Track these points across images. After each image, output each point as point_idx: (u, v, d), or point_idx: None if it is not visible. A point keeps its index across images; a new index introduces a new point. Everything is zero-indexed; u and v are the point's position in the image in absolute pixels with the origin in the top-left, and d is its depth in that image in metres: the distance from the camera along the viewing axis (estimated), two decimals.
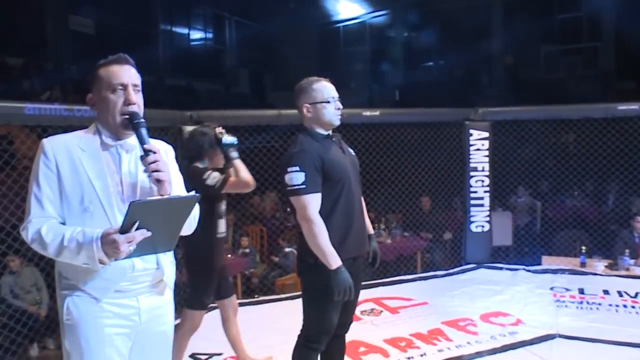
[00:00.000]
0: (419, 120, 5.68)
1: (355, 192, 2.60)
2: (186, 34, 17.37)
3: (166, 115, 4.49)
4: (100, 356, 1.83)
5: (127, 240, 1.67)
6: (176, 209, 1.84)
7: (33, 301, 5.12)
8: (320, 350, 2.65)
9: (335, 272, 2.39)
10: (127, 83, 1.86)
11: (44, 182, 1.79)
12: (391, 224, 7.01)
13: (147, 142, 1.84)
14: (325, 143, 2.55)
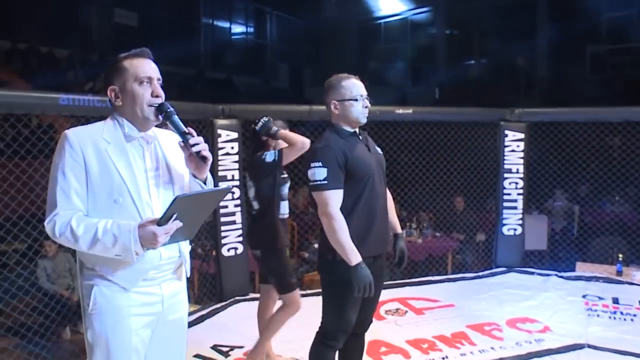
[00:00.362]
0: (453, 120, 5.58)
1: (379, 191, 2.59)
2: (227, 27, 17.53)
3: (198, 109, 4.54)
4: (127, 346, 1.86)
5: (165, 232, 1.73)
6: (209, 200, 1.93)
7: (66, 286, 5.28)
8: (337, 348, 2.65)
9: (355, 268, 2.39)
10: (153, 76, 1.91)
11: (71, 175, 1.79)
12: (422, 223, 6.94)
13: (183, 127, 1.89)
14: (351, 140, 2.56)
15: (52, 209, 1.80)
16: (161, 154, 1.98)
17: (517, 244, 5.53)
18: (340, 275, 2.42)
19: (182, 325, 2.07)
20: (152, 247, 1.77)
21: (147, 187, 1.89)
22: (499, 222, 5.55)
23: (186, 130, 1.90)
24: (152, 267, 1.88)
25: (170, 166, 1.98)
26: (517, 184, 5.45)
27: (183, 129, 1.91)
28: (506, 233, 5.53)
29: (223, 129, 4.56)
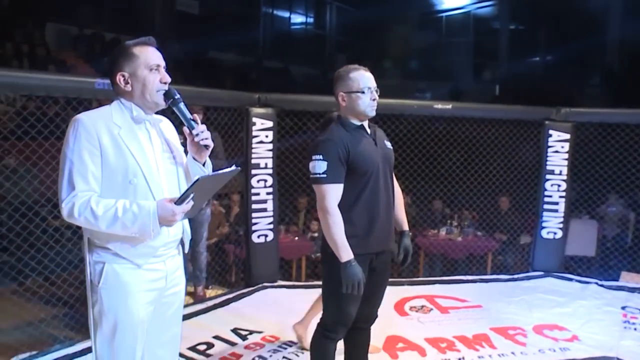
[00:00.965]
0: (494, 117, 5.41)
1: (384, 186, 2.54)
2: (287, 17, 17.66)
3: (233, 97, 4.62)
4: (134, 320, 1.95)
5: (182, 210, 1.84)
6: (220, 181, 2.03)
7: None
8: (337, 340, 2.64)
9: (345, 265, 2.37)
10: (161, 64, 2.00)
11: (88, 158, 1.87)
12: (464, 221, 6.80)
13: (189, 114, 1.99)
14: (357, 134, 2.51)
15: (69, 191, 1.87)
16: (163, 136, 2.06)
17: (556, 248, 5.33)
18: (339, 269, 2.40)
19: (180, 299, 2.16)
20: (169, 225, 1.88)
21: (157, 167, 1.98)
22: (538, 225, 5.36)
23: (192, 117, 1.99)
24: (161, 245, 1.98)
25: (172, 147, 2.08)
26: (559, 186, 5.25)
27: (189, 115, 2.00)
28: (545, 236, 5.33)
29: (258, 117, 4.62)
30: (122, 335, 1.95)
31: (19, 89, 3.72)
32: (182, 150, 2.13)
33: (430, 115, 5.20)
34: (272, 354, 3.50)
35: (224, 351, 3.52)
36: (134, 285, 1.95)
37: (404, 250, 2.72)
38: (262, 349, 3.58)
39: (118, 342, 1.96)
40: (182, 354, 3.43)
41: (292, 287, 4.85)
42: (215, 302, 4.41)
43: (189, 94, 4.26)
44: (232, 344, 3.64)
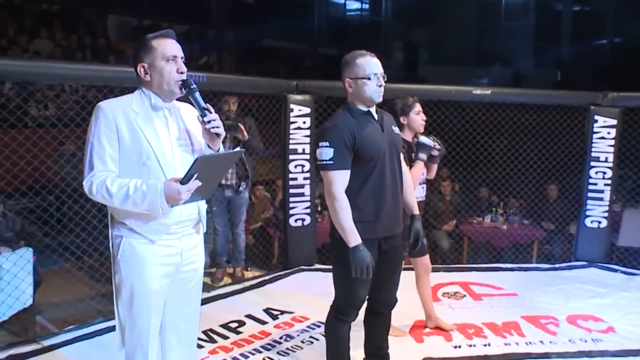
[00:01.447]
0: (536, 102, 5.28)
1: (390, 172, 2.57)
2: (342, 3, 17.64)
3: (271, 84, 4.73)
4: (148, 290, 2.12)
5: (188, 189, 1.96)
6: (224, 162, 2.17)
7: None
8: (349, 322, 2.69)
9: (353, 250, 2.42)
10: (178, 55, 2.13)
11: (106, 141, 2.05)
12: (510, 209, 6.69)
13: (203, 103, 2.11)
14: (363, 120, 2.54)
15: (89, 171, 2.06)
16: (182, 123, 2.20)
17: (600, 237, 5.17)
18: (347, 253, 2.45)
19: (199, 275, 2.31)
20: (176, 203, 2.01)
21: (171, 151, 2.12)
22: (581, 214, 5.22)
23: (205, 106, 2.11)
24: (174, 223, 2.13)
25: (190, 133, 2.21)
26: (604, 173, 5.07)
27: (202, 104, 2.13)
28: (589, 225, 5.18)
29: (296, 103, 4.72)
30: (139, 303, 2.13)
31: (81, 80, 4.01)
32: (200, 137, 2.25)
33: (470, 100, 5.12)
34: (299, 333, 3.62)
35: (254, 329, 3.68)
36: (148, 259, 2.11)
37: (415, 234, 2.75)
38: (291, 328, 3.71)
39: (135, 309, 2.14)
40: (214, 330, 3.63)
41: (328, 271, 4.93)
42: (251, 282, 4.58)
43: (227, 82, 4.44)
44: (262, 322, 3.79)
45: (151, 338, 2.18)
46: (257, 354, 3.34)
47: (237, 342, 3.48)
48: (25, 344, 3.38)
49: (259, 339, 3.53)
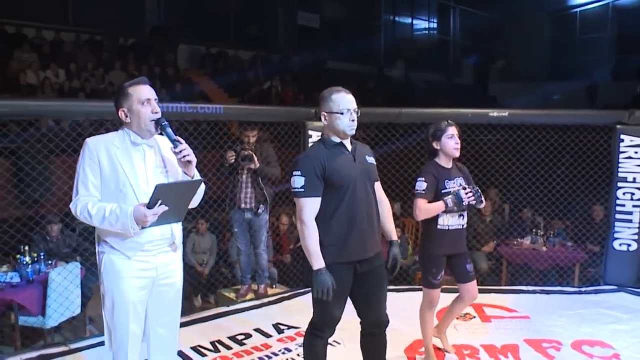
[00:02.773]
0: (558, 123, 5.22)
1: (364, 199, 2.71)
2: (409, 24, 17.76)
3: (289, 112, 5.03)
4: (126, 300, 2.46)
5: (153, 213, 2.29)
6: (187, 189, 2.45)
7: (201, 261, 6.22)
8: (325, 339, 2.83)
9: (315, 273, 2.59)
10: (151, 97, 2.48)
11: (89, 171, 2.43)
12: (549, 231, 6.55)
13: (174, 136, 2.45)
14: (335, 151, 2.71)
15: (75, 195, 2.46)
16: (160, 156, 2.53)
17: (630, 261, 4.99)
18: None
19: (176, 289, 2.62)
20: (144, 225, 2.34)
21: (146, 180, 2.46)
22: (609, 236, 5.06)
23: (175, 139, 2.44)
24: (147, 242, 2.46)
25: (167, 164, 2.54)
26: (633, 194, 4.91)
27: (173, 137, 2.45)
28: (618, 248, 5.02)
29: (314, 130, 4.99)
30: (118, 311, 2.47)
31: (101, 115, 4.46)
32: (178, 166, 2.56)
33: (487, 123, 5.15)
34: (297, 347, 3.84)
35: (258, 342, 3.94)
36: (125, 272, 2.45)
37: (392, 260, 2.87)
38: (292, 342, 3.94)
39: (116, 316, 2.48)
40: (221, 341, 3.93)
41: None
42: (270, 299, 4.86)
43: (244, 112, 4.80)
44: (268, 336, 4.05)
45: (130, 341, 2.51)
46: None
47: (238, 353, 3.77)
48: (57, 347, 3.83)
49: (259, 351, 3.80)
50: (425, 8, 17.99)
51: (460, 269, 3.47)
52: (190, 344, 3.84)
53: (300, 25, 15.20)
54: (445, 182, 3.35)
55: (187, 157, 2.43)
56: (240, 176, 4.77)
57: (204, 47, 12.81)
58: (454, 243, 3.39)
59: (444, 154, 3.39)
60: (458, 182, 3.39)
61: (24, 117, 4.16)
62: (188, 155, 2.43)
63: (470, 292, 3.53)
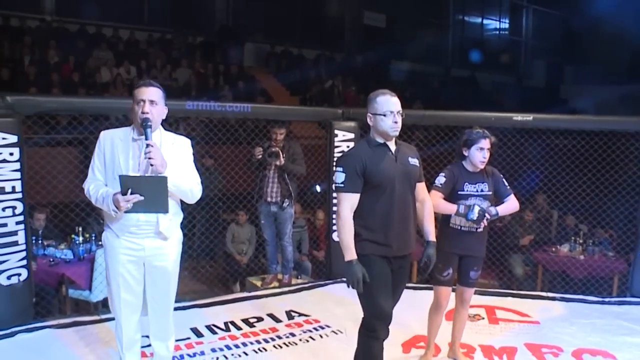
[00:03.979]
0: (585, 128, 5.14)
1: (400, 199, 2.83)
2: (478, 23, 17.46)
3: (317, 112, 5.28)
4: (116, 271, 2.87)
5: (125, 199, 2.65)
6: (154, 183, 2.73)
7: (240, 250, 6.58)
8: (379, 338, 2.89)
9: (347, 264, 2.74)
10: (145, 99, 2.80)
11: (96, 158, 2.84)
12: (589, 239, 6.42)
13: (149, 138, 2.76)
14: (378, 150, 2.85)
15: (87, 177, 2.87)
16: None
17: None
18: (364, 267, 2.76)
19: (167, 271, 2.95)
20: (121, 209, 2.69)
21: (138, 170, 2.79)
22: (637, 247, 4.95)
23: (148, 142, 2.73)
24: (132, 225, 2.81)
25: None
26: None
27: (148, 139, 2.74)
28: None
29: (340, 129, 5.21)
30: (111, 280, 2.89)
31: None
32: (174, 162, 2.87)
33: (511, 127, 5.16)
34: (302, 332, 4.12)
35: (267, 325, 4.25)
36: (116, 248, 2.84)
37: (426, 258, 2.98)
38: (298, 328, 4.21)
39: (111, 285, 2.91)
40: (234, 322, 4.27)
41: None
42: (290, 288, 5.14)
43: (272, 111, 5.10)
44: (278, 321, 4.34)
45: (123, 307, 2.90)
46: (255, 344, 3.91)
47: (246, 333, 4.08)
48: (90, 315, 4.32)
49: (266, 334, 4.09)
50: (496, 7, 17.61)
51: (463, 270, 3.52)
52: (205, 323, 4.20)
53: (366, 25, 15.35)
54: (465, 184, 3.41)
55: (151, 159, 2.71)
56: (267, 171, 5.07)
57: (269, 45, 13.27)
58: (464, 243, 3.45)
59: (471, 162, 3.45)
60: (480, 187, 3.42)
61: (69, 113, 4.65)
62: (152, 158, 2.71)
63: (461, 295, 3.61)
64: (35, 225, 5.30)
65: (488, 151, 3.39)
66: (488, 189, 3.44)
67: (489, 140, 3.40)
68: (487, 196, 3.44)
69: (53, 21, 10.45)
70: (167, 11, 11.74)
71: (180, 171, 2.86)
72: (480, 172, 3.45)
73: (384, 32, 15.48)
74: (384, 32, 15.50)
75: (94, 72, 9.43)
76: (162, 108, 2.87)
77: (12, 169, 3.87)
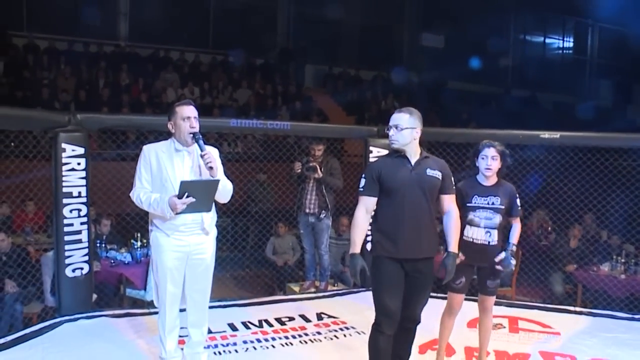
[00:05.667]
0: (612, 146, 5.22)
1: (412, 206, 3.08)
2: (540, 42, 17.29)
3: (353, 130, 5.66)
4: (164, 266, 3.33)
5: (182, 202, 3.12)
6: (207, 186, 3.23)
7: (284, 259, 7.00)
8: (384, 333, 3.14)
9: (350, 257, 3.12)
10: (191, 116, 3.30)
11: (143, 169, 3.33)
12: (632, 259, 6.39)
13: (203, 148, 3.26)
14: (396, 160, 3.15)
15: (134, 186, 3.36)
16: (195, 160, 3.34)
17: None
18: (372, 265, 3.14)
19: (206, 263, 3.42)
20: (176, 211, 3.15)
21: (182, 178, 3.26)
22: None
23: (204, 150, 3.23)
24: (181, 224, 3.29)
25: (200, 167, 3.32)
26: None
27: (203, 148, 3.23)
28: None
29: (375, 146, 5.56)
30: (159, 274, 3.36)
31: None
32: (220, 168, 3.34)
33: (539, 144, 5.31)
34: (328, 332, 4.46)
35: (297, 324, 4.62)
36: (165, 246, 3.31)
37: (442, 267, 3.20)
38: (325, 328, 4.56)
39: (159, 278, 3.38)
40: (267, 320, 4.67)
41: None
42: (325, 294, 5.50)
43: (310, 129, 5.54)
44: (308, 320, 4.71)
45: (168, 297, 3.37)
46: (284, 339, 4.29)
47: (276, 330, 4.47)
48: (141, 308, 4.86)
49: (295, 331, 4.47)
50: (559, 26, 17.39)
51: (481, 280, 3.73)
52: (242, 319, 4.63)
53: (425, 47, 15.57)
54: (474, 197, 3.60)
55: (210, 163, 3.19)
56: (306, 184, 5.48)
57: (327, 67, 13.78)
58: (477, 255, 3.61)
59: (480, 171, 3.66)
60: (491, 200, 3.58)
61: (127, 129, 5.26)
62: (210, 162, 3.19)
63: (482, 303, 3.79)
64: (102, 231, 5.96)
65: (492, 159, 3.57)
66: (500, 202, 3.59)
67: (493, 149, 3.58)
68: (498, 209, 3.59)
69: (126, 46, 11.42)
70: (230, 35, 12.51)
71: (222, 175, 3.33)
72: (495, 186, 3.63)
73: (442, 53, 15.65)
74: (443, 52, 15.67)
75: (160, 93, 10.23)
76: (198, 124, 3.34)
77: (79, 177, 4.47)
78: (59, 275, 4.46)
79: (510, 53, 16.78)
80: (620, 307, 5.75)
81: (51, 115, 4.55)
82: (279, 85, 12.05)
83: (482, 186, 3.63)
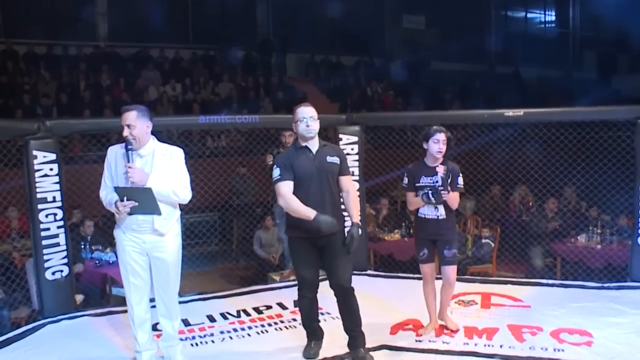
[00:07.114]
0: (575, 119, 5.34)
1: (315, 190, 3.51)
2: (522, 18, 17.29)
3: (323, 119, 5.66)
4: (124, 260, 3.54)
5: (123, 205, 3.29)
6: (142, 192, 3.33)
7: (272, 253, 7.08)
8: (307, 297, 3.75)
9: (315, 218, 3.37)
10: (123, 124, 3.41)
11: (106, 169, 3.52)
12: (607, 229, 6.52)
13: (130, 160, 3.38)
14: (300, 152, 3.55)
15: (101, 186, 3.52)
16: (150, 163, 3.44)
17: None
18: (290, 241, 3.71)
19: (166, 261, 3.56)
20: (122, 212, 3.33)
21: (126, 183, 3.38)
22: (634, 232, 5.07)
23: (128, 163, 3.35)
24: (134, 224, 3.45)
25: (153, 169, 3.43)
26: None
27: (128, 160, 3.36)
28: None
29: (344, 133, 5.65)
30: (121, 268, 3.57)
31: None
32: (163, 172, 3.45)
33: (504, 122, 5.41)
34: None
35: (274, 312, 4.76)
36: (123, 242, 3.51)
37: (349, 237, 3.54)
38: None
39: (121, 271, 3.58)
40: (245, 310, 4.82)
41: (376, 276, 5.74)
42: None
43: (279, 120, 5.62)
44: (285, 308, 4.83)
45: (132, 290, 3.57)
46: (259, 327, 4.44)
47: (254, 319, 4.61)
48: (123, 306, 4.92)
49: (271, 319, 4.61)
50: (540, 1, 17.38)
51: (439, 252, 4.09)
52: (220, 310, 4.76)
53: (406, 28, 15.60)
54: (421, 177, 3.97)
55: (131, 178, 3.33)
56: None
57: (310, 55, 13.80)
58: (431, 229, 4.02)
59: (429, 154, 3.97)
60: (435, 179, 3.91)
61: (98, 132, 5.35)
62: (132, 177, 3.33)
63: (444, 274, 4.10)
64: (85, 232, 6.07)
65: (443, 143, 3.90)
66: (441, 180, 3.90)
67: (443, 134, 3.92)
68: None
69: (106, 47, 11.45)
70: (209, 29, 12.53)
71: (162, 179, 3.42)
72: (440, 166, 3.92)
73: (423, 35, 15.68)
74: (424, 34, 15.69)
75: (142, 92, 10.29)
76: (141, 127, 3.41)
77: (53, 182, 4.58)
78: (39, 278, 4.58)
79: (493, 30, 16.78)
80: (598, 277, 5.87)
81: (20, 123, 4.67)
82: (261, 76, 12.10)
83: (428, 167, 3.97)
